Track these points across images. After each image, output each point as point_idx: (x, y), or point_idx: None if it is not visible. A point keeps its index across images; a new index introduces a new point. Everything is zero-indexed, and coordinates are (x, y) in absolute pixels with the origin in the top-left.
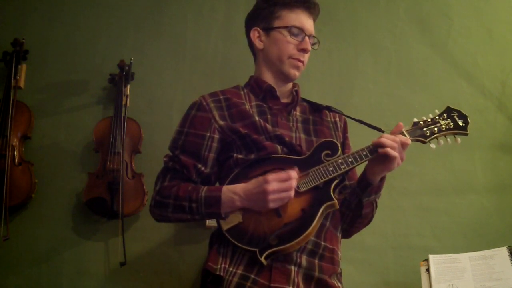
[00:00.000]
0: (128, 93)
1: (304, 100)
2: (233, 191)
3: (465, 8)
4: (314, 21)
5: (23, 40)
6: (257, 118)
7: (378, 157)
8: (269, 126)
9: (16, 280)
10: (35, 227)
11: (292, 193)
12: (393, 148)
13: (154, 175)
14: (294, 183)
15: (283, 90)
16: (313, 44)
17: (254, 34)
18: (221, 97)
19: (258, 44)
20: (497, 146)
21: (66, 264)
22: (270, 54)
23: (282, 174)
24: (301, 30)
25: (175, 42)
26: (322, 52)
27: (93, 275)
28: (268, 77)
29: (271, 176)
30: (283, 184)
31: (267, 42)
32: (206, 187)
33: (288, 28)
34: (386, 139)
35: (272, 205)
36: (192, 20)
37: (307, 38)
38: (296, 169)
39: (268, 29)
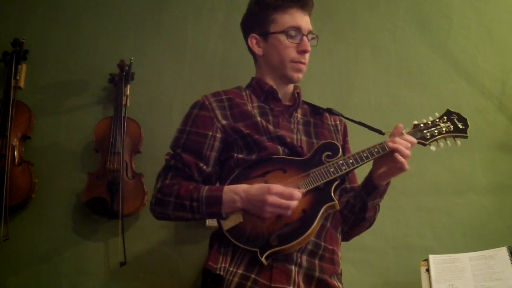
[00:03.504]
0: (128, 93)
1: (305, 102)
2: (235, 192)
3: (465, 8)
4: (310, 15)
5: (23, 40)
6: (259, 118)
7: (385, 161)
8: (270, 127)
9: (16, 280)
10: (35, 227)
11: (289, 212)
12: (406, 156)
13: (154, 175)
14: (294, 203)
15: (285, 93)
16: (312, 39)
17: (252, 41)
18: (224, 97)
19: (257, 51)
20: (497, 146)
21: (66, 264)
22: (271, 60)
23: (286, 191)
24: (298, 30)
25: (175, 42)
26: (322, 52)
27: (93, 275)
28: (270, 80)
29: (275, 188)
30: (283, 202)
31: (266, 47)
32: (207, 187)
33: (285, 31)
34: (404, 148)
35: (267, 215)
36: (192, 20)
37: (305, 37)
38: (303, 190)
39: (265, 35)
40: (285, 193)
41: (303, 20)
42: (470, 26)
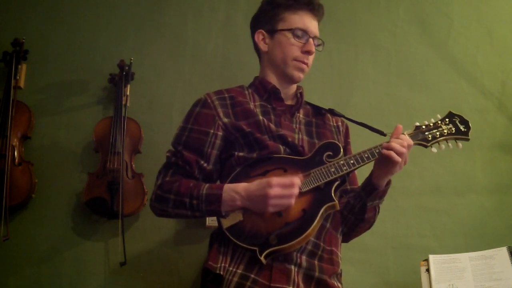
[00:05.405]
0: (128, 93)
1: (307, 103)
2: (235, 190)
3: (465, 8)
4: (319, 22)
5: (23, 40)
6: (261, 117)
7: (382, 160)
8: (272, 126)
9: (16, 280)
10: (35, 227)
11: (293, 201)
12: (400, 153)
13: (154, 175)
14: (296, 190)
15: (287, 92)
16: (318, 45)
17: (259, 36)
18: (226, 95)
19: (263, 47)
20: (497, 146)
21: (66, 264)
22: (274, 56)
23: (285, 180)
24: (305, 32)
25: (175, 42)
26: (322, 52)
27: (93, 275)
28: (273, 79)
29: (274, 180)
30: (285, 191)
31: (271, 44)
32: (207, 185)
33: (292, 30)
34: (396, 143)
35: (271, 209)
36: (192, 20)
37: (311, 40)
38: (300, 175)
39: (272, 32)
40: (286, 183)
41: (312, 24)
42: (470, 26)
